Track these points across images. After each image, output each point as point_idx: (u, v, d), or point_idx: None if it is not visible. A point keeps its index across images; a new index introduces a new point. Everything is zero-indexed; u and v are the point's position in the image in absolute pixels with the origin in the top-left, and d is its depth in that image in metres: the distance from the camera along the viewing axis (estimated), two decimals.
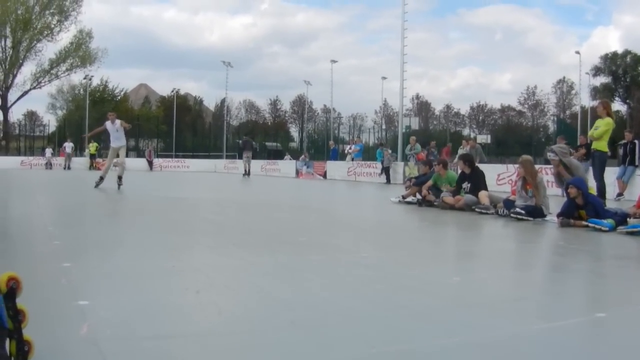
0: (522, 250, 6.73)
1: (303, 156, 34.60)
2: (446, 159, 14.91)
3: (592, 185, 9.78)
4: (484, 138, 47.48)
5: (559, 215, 8.19)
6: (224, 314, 3.23)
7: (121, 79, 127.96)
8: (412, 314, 3.25)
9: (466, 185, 10.53)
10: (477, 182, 10.41)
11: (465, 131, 72.46)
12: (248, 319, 3.17)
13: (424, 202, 11.19)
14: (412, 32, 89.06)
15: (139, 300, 3.39)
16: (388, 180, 23.69)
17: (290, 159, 38.53)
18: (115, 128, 15.07)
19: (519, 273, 5.04)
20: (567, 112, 68.01)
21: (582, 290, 4.11)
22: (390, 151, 25.80)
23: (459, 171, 11.16)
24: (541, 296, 3.95)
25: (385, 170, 24.18)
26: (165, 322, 2.98)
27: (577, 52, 56.81)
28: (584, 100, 61.13)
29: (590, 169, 10.69)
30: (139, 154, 49.34)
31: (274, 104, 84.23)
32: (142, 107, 75.91)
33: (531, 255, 6.38)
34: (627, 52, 65.17)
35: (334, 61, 60.32)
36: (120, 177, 14.90)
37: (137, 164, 39.19)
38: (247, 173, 28.90)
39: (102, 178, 14.93)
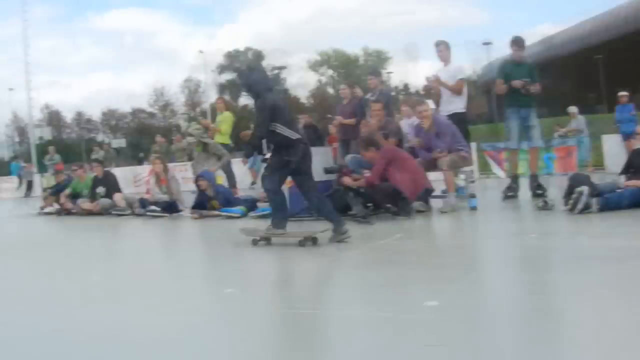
0: (160, 244, 6.94)
1: None
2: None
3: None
4: (120, 142, 47.01)
5: (192, 208, 8.55)
6: None
7: None
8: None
9: (101, 189, 10.32)
10: (111, 185, 10.29)
11: (100, 137, 70.23)
12: None
13: (62, 211, 10.74)
14: (41, 40, 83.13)
15: None
16: (29, 194, 21.98)
17: None
18: None
19: (158, 265, 5.14)
20: (198, 110, 70.44)
21: (210, 273, 4.45)
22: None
23: None
24: (175, 281, 4.19)
25: (28, 184, 22.61)
26: None
27: (201, 52, 58.82)
28: (213, 97, 63.97)
29: None
30: None
31: None
32: None
33: (168, 248, 6.65)
34: (248, 49, 70.05)
35: None
36: None
37: None
38: None
39: None
